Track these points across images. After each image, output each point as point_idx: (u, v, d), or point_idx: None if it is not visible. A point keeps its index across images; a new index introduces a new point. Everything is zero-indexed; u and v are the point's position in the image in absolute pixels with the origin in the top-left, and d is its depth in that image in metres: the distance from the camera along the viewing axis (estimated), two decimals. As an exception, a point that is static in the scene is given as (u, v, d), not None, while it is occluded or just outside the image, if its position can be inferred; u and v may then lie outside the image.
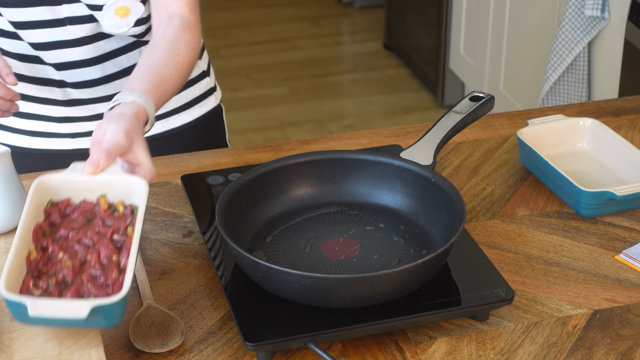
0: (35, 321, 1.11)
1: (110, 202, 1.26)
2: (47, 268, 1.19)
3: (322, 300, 1.21)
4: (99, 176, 1.24)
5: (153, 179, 1.28)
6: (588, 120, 1.62)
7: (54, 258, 1.20)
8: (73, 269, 1.18)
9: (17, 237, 1.18)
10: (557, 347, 1.23)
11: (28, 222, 1.21)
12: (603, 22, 2.79)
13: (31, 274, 1.17)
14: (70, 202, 1.26)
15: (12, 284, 1.14)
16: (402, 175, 1.41)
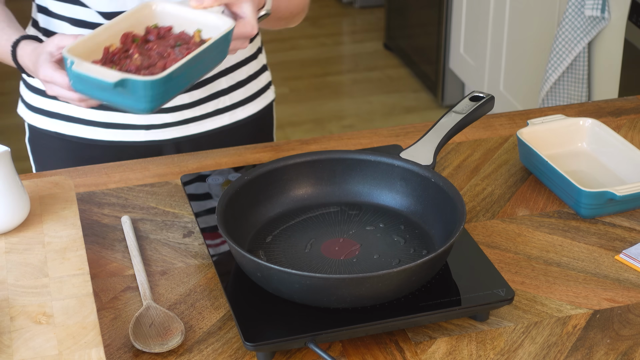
0: (75, 79, 1.26)
1: (203, 38, 1.34)
2: (118, 61, 1.31)
3: (322, 300, 1.21)
4: (200, 12, 1.34)
5: (252, 36, 1.35)
6: (588, 120, 1.62)
7: (130, 58, 1.31)
8: (138, 66, 1.28)
9: (109, 26, 1.32)
10: (557, 347, 1.23)
11: (125, 23, 1.33)
12: (603, 22, 2.79)
13: (102, 61, 1.30)
14: (171, 30, 1.36)
15: (78, 53, 1.27)
16: (402, 175, 1.41)
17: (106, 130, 1.68)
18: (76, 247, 1.33)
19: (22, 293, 1.24)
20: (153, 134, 1.69)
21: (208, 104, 1.70)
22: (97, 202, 1.50)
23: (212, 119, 1.72)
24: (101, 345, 1.16)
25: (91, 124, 1.68)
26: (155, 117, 1.67)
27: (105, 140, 1.69)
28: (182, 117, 1.69)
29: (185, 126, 1.70)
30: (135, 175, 1.57)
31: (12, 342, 1.17)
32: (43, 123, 1.70)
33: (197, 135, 1.71)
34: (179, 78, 1.27)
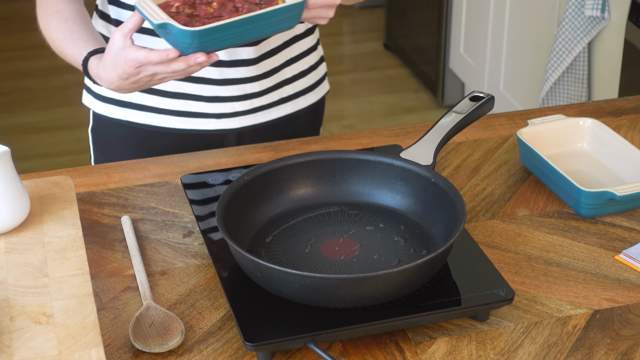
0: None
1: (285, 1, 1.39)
2: (197, 4, 1.38)
3: (322, 300, 1.21)
4: None
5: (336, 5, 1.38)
6: (588, 120, 1.62)
7: (210, 4, 1.38)
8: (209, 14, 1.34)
9: None
10: (557, 347, 1.23)
11: None
12: (603, 22, 2.79)
13: (184, 1, 1.38)
14: None
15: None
16: (402, 175, 1.41)
17: (178, 119, 1.70)
18: (76, 247, 1.33)
19: (22, 293, 1.24)
20: (223, 122, 1.71)
21: (274, 92, 1.73)
22: (97, 202, 1.50)
23: (277, 108, 1.74)
24: (101, 345, 1.16)
25: (162, 112, 1.69)
26: (226, 105, 1.69)
27: (175, 128, 1.71)
28: (251, 105, 1.71)
29: (253, 115, 1.72)
30: (135, 175, 1.57)
31: (12, 342, 1.17)
32: (111, 112, 1.72)
33: (262, 124, 1.73)
34: (226, 34, 1.33)
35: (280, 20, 1.37)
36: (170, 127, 1.71)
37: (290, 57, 1.73)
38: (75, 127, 3.89)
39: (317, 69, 1.81)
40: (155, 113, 1.70)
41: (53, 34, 1.55)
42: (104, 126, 1.74)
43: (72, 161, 3.65)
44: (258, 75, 1.69)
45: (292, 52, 1.73)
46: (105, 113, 1.72)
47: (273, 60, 1.70)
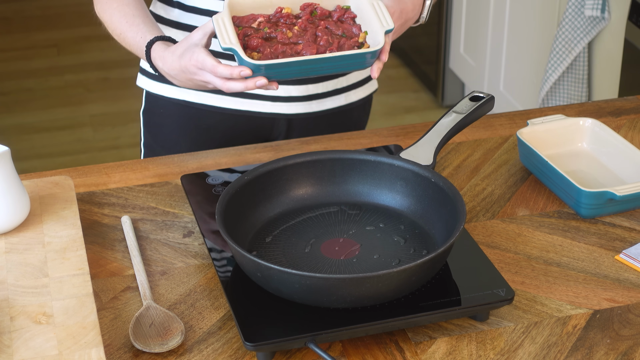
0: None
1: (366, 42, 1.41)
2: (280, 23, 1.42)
3: (322, 300, 1.21)
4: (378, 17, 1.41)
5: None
6: (588, 120, 1.62)
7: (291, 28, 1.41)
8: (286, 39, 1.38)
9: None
10: (557, 347, 1.23)
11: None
12: (603, 22, 2.79)
13: (269, 18, 1.42)
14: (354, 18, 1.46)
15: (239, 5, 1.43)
16: (402, 175, 1.41)
17: (232, 99, 1.71)
18: (76, 247, 1.33)
19: (22, 293, 1.24)
20: (277, 106, 1.72)
21: (329, 82, 1.74)
22: (97, 202, 1.50)
23: (332, 99, 1.75)
24: (101, 345, 1.16)
25: (218, 91, 1.70)
26: (281, 88, 1.70)
27: (229, 108, 1.72)
28: (307, 91, 1.72)
29: (308, 103, 1.73)
30: (135, 175, 1.57)
31: (12, 342, 1.17)
32: (166, 91, 1.74)
33: (315, 113, 1.74)
34: (288, 70, 1.37)
35: (349, 64, 1.39)
36: (224, 107, 1.72)
37: None
38: (75, 127, 3.89)
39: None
40: (210, 92, 1.71)
41: (113, 17, 1.58)
42: (156, 106, 1.76)
43: (72, 161, 3.65)
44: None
45: None
46: (160, 92, 1.74)
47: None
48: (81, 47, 4.44)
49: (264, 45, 1.39)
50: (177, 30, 1.68)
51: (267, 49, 1.38)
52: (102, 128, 3.86)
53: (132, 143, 3.73)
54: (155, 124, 1.78)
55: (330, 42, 1.40)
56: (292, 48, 1.39)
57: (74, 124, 3.92)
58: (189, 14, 1.67)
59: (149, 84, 1.76)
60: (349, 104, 1.78)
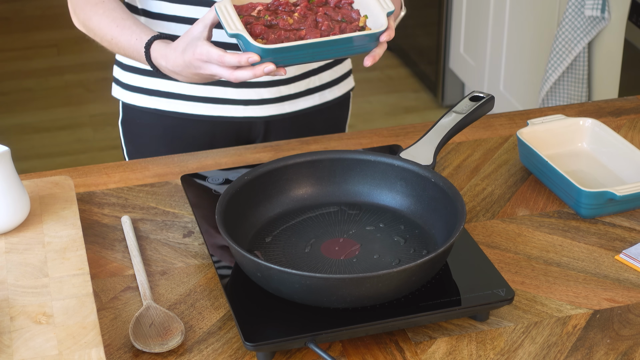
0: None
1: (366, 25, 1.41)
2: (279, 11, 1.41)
3: (322, 300, 1.21)
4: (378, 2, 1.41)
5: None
6: (588, 120, 1.62)
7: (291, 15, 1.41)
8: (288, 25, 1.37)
9: None
10: (557, 347, 1.23)
11: None
12: (603, 22, 2.79)
13: (267, 6, 1.42)
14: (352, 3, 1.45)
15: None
16: (402, 175, 1.41)
17: (204, 105, 1.71)
18: (76, 247, 1.33)
19: (22, 293, 1.24)
20: (251, 110, 1.72)
21: (301, 82, 1.74)
22: (97, 202, 1.50)
23: (305, 98, 1.76)
24: (101, 345, 1.16)
25: (190, 98, 1.70)
26: (253, 92, 1.70)
27: (203, 115, 1.72)
28: (278, 93, 1.72)
29: (281, 104, 1.73)
30: (135, 175, 1.57)
31: (12, 342, 1.17)
32: (140, 101, 1.73)
33: (290, 114, 1.75)
34: (295, 54, 1.35)
35: (354, 47, 1.38)
36: (198, 114, 1.71)
37: None
38: (75, 127, 3.89)
39: (342, 64, 1.81)
40: (183, 100, 1.71)
41: (102, 23, 1.57)
42: (133, 117, 1.76)
43: (72, 161, 3.65)
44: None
45: None
46: (134, 102, 1.74)
47: None
48: (81, 47, 4.44)
49: (267, 32, 1.39)
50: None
51: (271, 35, 1.38)
52: (102, 128, 3.86)
53: (132, 143, 3.73)
54: (134, 134, 1.78)
55: (331, 27, 1.40)
56: (295, 34, 1.39)
57: (74, 124, 3.92)
58: (155, 21, 1.66)
59: (123, 94, 1.75)
60: (324, 103, 1.79)
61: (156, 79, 1.70)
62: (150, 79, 1.70)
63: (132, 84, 1.73)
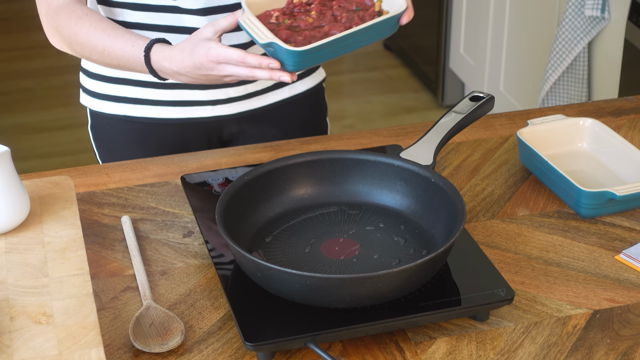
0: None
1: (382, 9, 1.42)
2: (297, 14, 1.41)
3: (322, 300, 1.21)
4: None
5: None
6: (588, 120, 1.62)
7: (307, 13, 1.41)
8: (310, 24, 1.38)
9: None
10: (557, 347, 1.23)
11: None
12: (603, 22, 2.79)
13: (283, 11, 1.42)
14: None
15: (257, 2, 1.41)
16: (402, 175, 1.41)
17: (173, 109, 1.71)
18: (76, 247, 1.33)
19: (22, 293, 1.24)
20: (219, 109, 1.72)
21: None
22: (97, 202, 1.50)
23: (274, 93, 1.75)
24: (101, 345, 1.16)
25: (158, 103, 1.70)
26: (220, 91, 1.70)
27: (172, 118, 1.71)
28: (245, 91, 1.72)
29: (249, 100, 1.73)
30: (135, 175, 1.57)
31: (12, 342, 1.17)
32: (109, 108, 1.73)
33: (259, 109, 1.74)
34: (328, 50, 1.36)
35: (378, 33, 1.40)
36: (167, 117, 1.71)
37: None
38: (75, 127, 3.89)
39: None
40: (150, 105, 1.70)
41: (90, 36, 1.53)
42: (102, 123, 1.75)
43: (72, 161, 3.65)
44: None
45: None
46: (102, 110, 1.73)
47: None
48: (81, 47, 4.43)
49: (293, 35, 1.39)
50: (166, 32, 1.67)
51: (297, 38, 1.39)
52: (102, 128, 3.86)
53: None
54: (104, 140, 1.77)
55: (350, 17, 1.41)
56: (319, 31, 1.40)
57: (74, 124, 3.92)
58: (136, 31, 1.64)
59: (90, 101, 1.74)
60: (295, 95, 1.78)
61: (123, 86, 1.69)
62: (117, 86, 1.69)
63: (100, 91, 1.72)
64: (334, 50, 1.37)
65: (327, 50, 1.36)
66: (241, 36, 1.65)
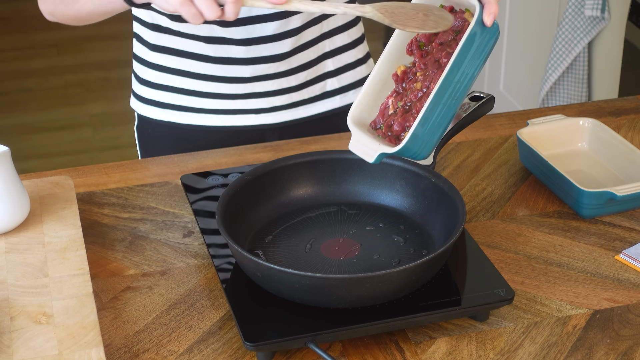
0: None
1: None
2: (406, 85, 1.24)
3: (322, 300, 1.21)
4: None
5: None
6: (588, 120, 1.62)
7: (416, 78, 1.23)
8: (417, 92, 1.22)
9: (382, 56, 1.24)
10: (557, 347, 1.23)
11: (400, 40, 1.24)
12: (603, 22, 2.79)
13: (396, 90, 1.25)
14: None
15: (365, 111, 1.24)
16: (402, 175, 1.41)
17: (216, 117, 1.70)
18: (76, 247, 1.33)
19: (22, 293, 1.24)
20: (263, 117, 1.70)
21: (315, 86, 1.71)
22: (97, 202, 1.50)
23: (322, 102, 1.73)
24: (101, 345, 1.16)
25: (202, 111, 1.70)
26: (264, 101, 1.68)
27: (216, 125, 1.70)
28: (290, 100, 1.70)
29: (294, 110, 1.71)
30: (135, 175, 1.57)
31: (12, 342, 1.17)
32: (153, 113, 1.73)
33: (305, 119, 1.72)
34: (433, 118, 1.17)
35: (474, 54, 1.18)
36: (210, 124, 1.70)
37: (330, 49, 1.70)
38: (75, 127, 3.89)
39: (367, 63, 1.76)
40: (194, 112, 1.70)
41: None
42: (146, 126, 1.76)
43: (72, 161, 3.65)
44: (292, 69, 1.67)
45: (332, 44, 1.70)
46: (147, 114, 1.74)
47: (308, 53, 1.67)
48: (81, 47, 4.44)
49: (406, 117, 1.22)
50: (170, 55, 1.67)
51: (410, 118, 1.22)
52: (102, 128, 3.86)
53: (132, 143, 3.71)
54: (146, 142, 1.78)
55: (450, 52, 1.21)
56: (426, 94, 1.22)
57: (74, 124, 3.92)
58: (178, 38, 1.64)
59: (138, 106, 1.75)
60: (345, 106, 1.74)
61: (169, 93, 1.69)
62: (163, 93, 1.70)
63: (147, 97, 1.73)
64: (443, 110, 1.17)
65: (434, 118, 1.17)
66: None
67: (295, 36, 1.64)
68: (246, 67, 1.65)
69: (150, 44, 1.67)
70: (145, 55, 1.69)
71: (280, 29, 1.62)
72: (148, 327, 1.26)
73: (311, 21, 1.65)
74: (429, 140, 1.19)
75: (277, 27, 1.61)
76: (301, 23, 1.63)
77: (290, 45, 1.64)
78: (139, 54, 1.71)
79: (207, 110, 1.69)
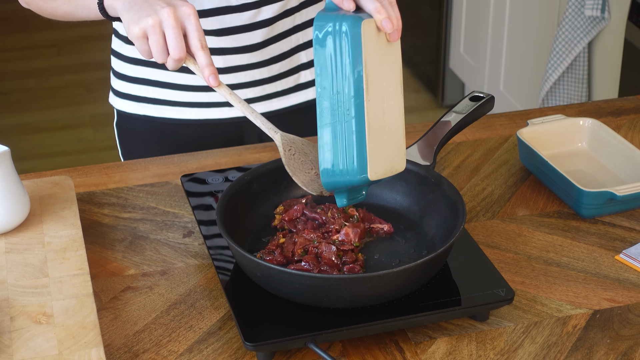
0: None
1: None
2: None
3: (322, 300, 1.21)
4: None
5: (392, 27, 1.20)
6: (588, 120, 1.62)
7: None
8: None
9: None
10: (557, 347, 1.23)
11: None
12: (603, 22, 2.79)
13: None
14: None
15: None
16: (402, 175, 1.41)
17: (191, 110, 1.70)
18: (76, 247, 1.33)
19: (22, 293, 1.24)
20: (237, 110, 1.68)
21: (288, 78, 1.71)
22: (97, 202, 1.50)
23: (296, 94, 1.73)
24: (101, 345, 1.16)
25: (177, 104, 1.70)
26: (237, 93, 1.68)
27: (191, 119, 1.71)
28: (263, 92, 1.70)
29: (268, 102, 1.71)
30: (135, 175, 1.57)
31: (12, 342, 1.17)
32: (131, 108, 1.73)
33: (279, 111, 1.72)
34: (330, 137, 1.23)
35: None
36: (186, 118, 1.71)
37: (304, 41, 1.70)
38: (75, 127, 3.89)
39: None
40: (168, 106, 1.70)
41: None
42: (125, 121, 1.76)
43: (72, 161, 3.65)
44: (265, 61, 1.67)
45: (305, 37, 1.70)
46: (125, 109, 1.74)
47: (281, 44, 1.67)
48: (81, 47, 4.44)
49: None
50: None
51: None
52: (102, 128, 3.86)
53: (132, 143, 3.73)
54: (125, 138, 1.78)
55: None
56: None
57: (74, 124, 3.92)
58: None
59: (116, 101, 1.76)
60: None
61: (144, 86, 1.70)
62: (138, 86, 1.70)
63: (124, 91, 1.73)
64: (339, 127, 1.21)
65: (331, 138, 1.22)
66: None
67: (268, 27, 1.64)
68: (218, 58, 1.64)
69: (127, 38, 1.68)
70: (122, 49, 1.69)
71: (251, 19, 1.62)
72: (148, 327, 1.26)
73: (283, 13, 1.65)
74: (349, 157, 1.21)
75: (249, 18, 1.61)
76: (272, 14, 1.63)
77: (262, 36, 1.64)
78: (116, 48, 1.72)
79: (182, 103, 1.70)
